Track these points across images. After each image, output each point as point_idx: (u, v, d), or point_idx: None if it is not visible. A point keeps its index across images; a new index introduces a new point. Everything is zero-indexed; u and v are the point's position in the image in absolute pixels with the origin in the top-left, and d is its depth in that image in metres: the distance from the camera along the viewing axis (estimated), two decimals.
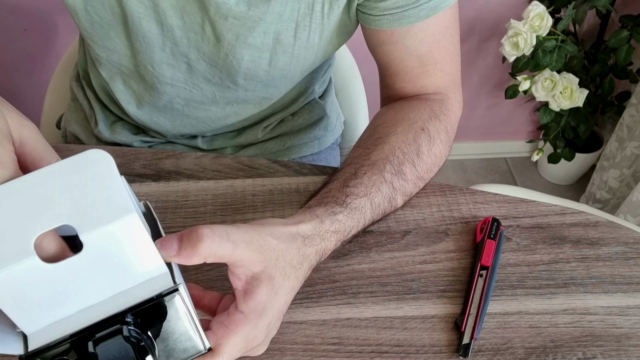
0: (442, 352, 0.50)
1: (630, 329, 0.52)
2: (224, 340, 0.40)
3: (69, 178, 0.32)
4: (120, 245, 0.32)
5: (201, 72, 0.66)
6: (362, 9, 0.60)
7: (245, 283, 0.41)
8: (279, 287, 0.42)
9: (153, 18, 0.60)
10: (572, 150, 1.58)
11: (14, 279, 0.30)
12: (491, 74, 1.65)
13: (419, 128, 0.58)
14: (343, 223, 0.49)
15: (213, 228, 0.38)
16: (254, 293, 0.41)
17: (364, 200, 0.52)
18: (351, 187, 0.52)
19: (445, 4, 0.58)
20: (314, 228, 0.47)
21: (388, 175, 0.54)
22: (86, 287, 0.33)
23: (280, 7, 0.58)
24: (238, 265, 0.40)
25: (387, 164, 0.55)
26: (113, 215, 0.31)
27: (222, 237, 0.38)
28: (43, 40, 1.45)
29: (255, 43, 0.61)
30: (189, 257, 0.37)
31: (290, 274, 0.43)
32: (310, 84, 0.80)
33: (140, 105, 0.73)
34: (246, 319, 0.40)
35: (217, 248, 0.38)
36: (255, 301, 0.41)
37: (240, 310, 0.41)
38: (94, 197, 0.32)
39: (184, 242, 0.37)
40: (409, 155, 0.56)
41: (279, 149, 0.81)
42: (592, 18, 1.50)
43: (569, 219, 0.61)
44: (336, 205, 0.50)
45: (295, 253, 0.44)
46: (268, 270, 0.42)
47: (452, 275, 0.55)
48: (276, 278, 0.42)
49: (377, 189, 0.53)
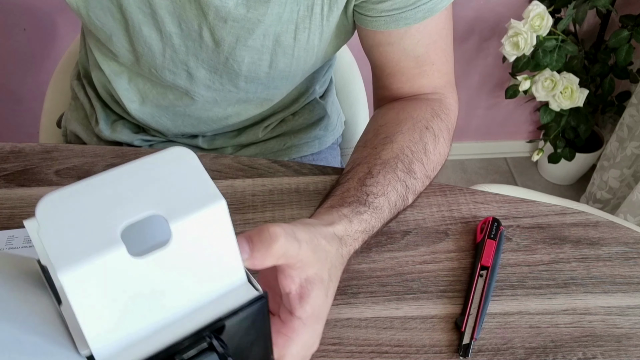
0: (442, 352, 0.50)
1: (630, 329, 0.52)
2: (285, 350, 0.37)
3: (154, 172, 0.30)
4: (207, 237, 0.29)
5: (201, 79, 0.66)
6: (359, 10, 0.60)
7: (299, 287, 0.38)
8: (328, 289, 0.41)
9: (152, 25, 0.60)
10: (572, 150, 1.58)
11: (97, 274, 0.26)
12: (491, 74, 1.65)
13: (423, 127, 0.59)
14: (369, 222, 0.49)
15: (282, 225, 0.36)
16: (311, 297, 0.38)
17: (383, 199, 0.52)
18: (369, 187, 0.52)
19: (441, 5, 0.58)
20: (345, 229, 0.46)
21: (401, 174, 0.54)
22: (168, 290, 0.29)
23: (279, 9, 0.58)
24: (298, 266, 0.38)
25: (398, 163, 0.55)
26: (202, 202, 0.29)
27: (290, 235, 0.36)
28: (43, 40, 1.45)
29: (255, 45, 0.61)
30: (262, 259, 0.34)
31: (334, 275, 0.42)
32: (311, 84, 0.80)
33: (143, 104, 0.73)
34: (305, 325, 0.38)
35: (289, 247, 0.35)
36: (313, 305, 0.38)
37: (297, 316, 0.38)
38: (181, 188, 0.29)
39: (255, 244, 0.34)
40: (418, 154, 0.56)
41: (280, 149, 0.81)
42: (592, 18, 1.50)
43: (569, 219, 0.61)
44: (360, 204, 0.50)
45: (336, 254, 0.43)
46: (320, 272, 0.39)
47: (452, 275, 0.55)
48: (326, 280, 0.40)
49: (392, 188, 0.53)
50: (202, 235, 0.29)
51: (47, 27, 1.43)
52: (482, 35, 1.54)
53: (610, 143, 1.52)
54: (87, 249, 0.26)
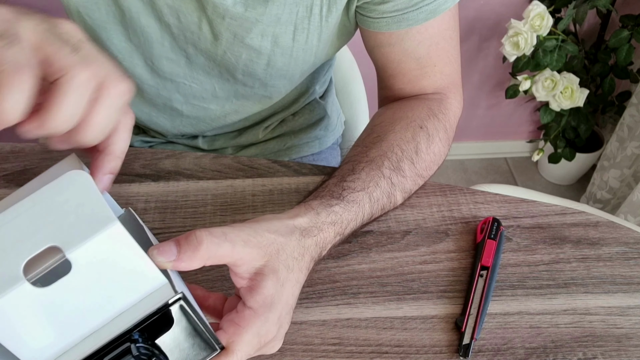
0: (443, 352, 0.50)
1: (630, 329, 0.52)
2: (236, 337, 0.40)
3: (51, 202, 0.32)
4: (109, 258, 0.32)
5: (200, 65, 0.66)
6: (361, 11, 0.60)
7: (249, 280, 0.41)
8: (284, 279, 0.42)
9: (151, 13, 0.60)
10: (572, 150, 1.58)
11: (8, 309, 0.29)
12: (491, 74, 1.65)
13: (417, 126, 0.59)
14: (340, 215, 0.49)
15: (210, 230, 0.38)
16: (260, 287, 0.41)
17: (362, 194, 0.52)
18: (348, 182, 0.52)
19: (444, 7, 0.58)
20: (310, 220, 0.47)
21: (386, 171, 0.54)
22: (84, 309, 0.32)
23: (278, 10, 0.58)
24: (239, 264, 0.40)
25: (385, 160, 0.55)
26: (96, 228, 0.31)
27: (219, 237, 0.38)
28: None
29: (252, 44, 0.61)
30: (189, 260, 0.37)
31: (293, 266, 0.43)
32: (311, 84, 0.80)
33: (140, 105, 0.73)
34: (256, 314, 0.40)
35: (216, 249, 0.38)
36: (263, 295, 0.40)
37: (249, 306, 0.40)
38: (75, 216, 0.31)
39: (182, 246, 0.37)
40: (408, 153, 0.56)
41: (280, 149, 0.81)
42: (592, 18, 1.50)
43: (570, 219, 0.61)
44: (332, 198, 0.50)
45: (295, 245, 0.44)
46: (271, 264, 0.41)
47: (452, 275, 0.55)
48: (280, 271, 0.42)
49: (375, 184, 0.53)
50: (100, 257, 0.31)
51: None
52: (482, 35, 1.54)
53: (611, 143, 1.52)
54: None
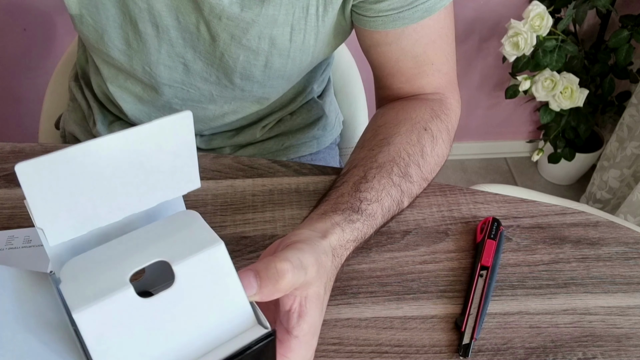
0: (442, 352, 0.50)
1: (630, 329, 0.52)
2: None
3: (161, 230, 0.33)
4: (210, 278, 0.32)
5: (198, 71, 0.66)
6: (356, 10, 0.60)
7: (299, 305, 0.39)
8: (324, 303, 0.41)
9: (148, 20, 0.60)
10: (572, 150, 1.58)
11: (107, 313, 0.29)
12: (491, 74, 1.65)
13: (421, 128, 0.58)
14: (360, 231, 0.49)
15: (290, 260, 0.36)
16: (308, 315, 0.39)
17: (376, 206, 0.52)
18: (363, 192, 0.52)
19: (439, 5, 0.58)
20: (338, 239, 0.46)
21: (396, 179, 0.54)
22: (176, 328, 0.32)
23: (274, 10, 0.58)
24: (301, 287, 0.38)
25: (394, 167, 0.54)
26: (201, 246, 0.32)
27: (298, 266, 0.37)
28: (43, 40, 1.45)
29: (250, 45, 0.61)
30: (270, 294, 0.35)
31: (328, 288, 0.43)
32: (308, 84, 0.80)
33: (139, 105, 0.73)
34: (301, 343, 0.38)
35: (297, 280, 0.36)
36: (309, 323, 0.39)
37: (295, 335, 0.38)
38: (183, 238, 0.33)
39: (263, 280, 0.35)
40: (414, 157, 0.56)
41: (278, 149, 0.81)
42: (592, 18, 1.50)
43: (569, 219, 0.61)
44: (353, 212, 0.50)
45: (330, 266, 0.44)
46: (318, 289, 0.40)
47: (452, 275, 0.55)
48: (322, 295, 0.41)
49: (387, 193, 0.53)
50: (203, 275, 0.32)
51: (47, 27, 1.43)
52: (482, 35, 1.54)
53: (610, 143, 1.52)
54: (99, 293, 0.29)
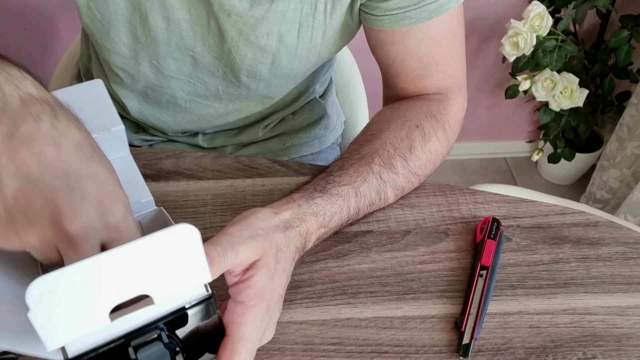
0: (442, 352, 0.50)
1: (630, 329, 0.52)
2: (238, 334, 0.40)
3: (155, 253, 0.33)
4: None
5: (206, 65, 0.66)
6: (364, 9, 0.60)
7: (241, 275, 0.43)
8: (274, 271, 0.44)
9: (160, 13, 0.60)
10: (572, 150, 1.58)
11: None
12: (491, 74, 1.65)
13: (413, 125, 0.59)
14: (322, 207, 0.51)
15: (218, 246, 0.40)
16: (252, 281, 0.42)
17: (347, 189, 0.53)
18: (334, 177, 0.54)
19: (447, 7, 0.58)
20: (292, 212, 0.49)
21: (376, 167, 0.55)
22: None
23: (283, 7, 0.58)
24: (238, 266, 0.42)
25: (375, 157, 0.56)
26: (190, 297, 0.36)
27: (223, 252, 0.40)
28: (43, 40, 1.45)
29: (258, 42, 0.61)
30: None
31: (280, 257, 0.45)
32: (311, 84, 0.80)
33: (143, 102, 0.73)
34: (247, 307, 0.41)
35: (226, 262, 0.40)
36: (254, 288, 0.42)
37: (240, 300, 0.42)
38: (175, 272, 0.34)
39: None
40: (401, 150, 0.57)
41: (279, 148, 0.81)
42: (592, 18, 1.50)
43: (569, 219, 0.61)
44: (314, 191, 0.52)
45: (281, 237, 0.46)
46: (264, 258, 0.43)
47: (452, 275, 0.55)
48: (270, 264, 0.44)
49: (363, 179, 0.54)
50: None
51: (47, 27, 1.43)
52: (482, 35, 1.54)
53: (610, 143, 1.52)
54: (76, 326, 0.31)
